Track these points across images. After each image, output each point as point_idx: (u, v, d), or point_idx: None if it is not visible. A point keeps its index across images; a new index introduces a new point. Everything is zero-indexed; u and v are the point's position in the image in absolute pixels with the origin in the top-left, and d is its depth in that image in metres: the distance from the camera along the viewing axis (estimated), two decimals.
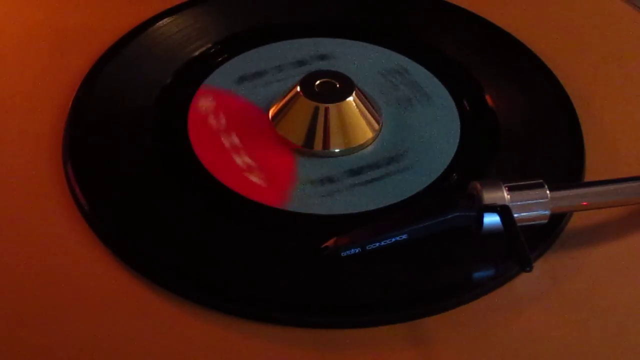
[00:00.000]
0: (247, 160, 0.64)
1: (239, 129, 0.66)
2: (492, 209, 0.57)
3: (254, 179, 0.63)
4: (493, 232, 0.58)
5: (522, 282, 0.59)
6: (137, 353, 0.55)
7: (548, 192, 0.58)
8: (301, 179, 0.63)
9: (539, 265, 0.59)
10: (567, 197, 0.60)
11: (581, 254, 0.61)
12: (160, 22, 0.73)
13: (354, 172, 0.64)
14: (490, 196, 0.58)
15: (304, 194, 0.62)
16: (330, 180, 0.63)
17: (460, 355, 0.56)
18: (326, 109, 0.65)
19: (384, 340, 0.56)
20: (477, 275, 0.59)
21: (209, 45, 0.72)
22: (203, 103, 0.68)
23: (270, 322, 0.56)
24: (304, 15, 0.75)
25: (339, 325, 0.56)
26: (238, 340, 0.55)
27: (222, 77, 0.70)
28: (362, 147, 0.65)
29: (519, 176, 0.60)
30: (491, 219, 0.57)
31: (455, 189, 0.63)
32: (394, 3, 0.77)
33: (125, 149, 0.65)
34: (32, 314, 0.56)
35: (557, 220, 0.61)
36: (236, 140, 0.65)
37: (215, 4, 0.75)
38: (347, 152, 0.65)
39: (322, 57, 0.72)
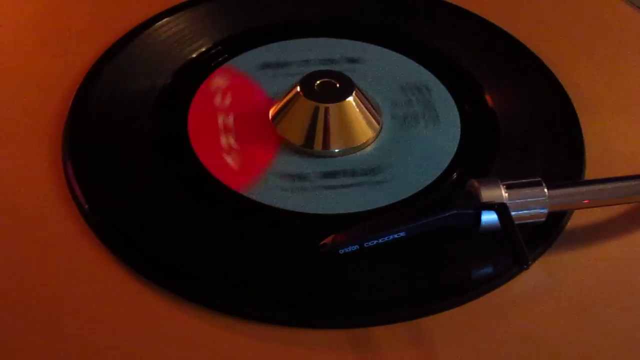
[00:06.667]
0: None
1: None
2: (489, 206, 0.57)
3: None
4: (491, 230, 0.57)
5: (522, 282, 0.58)
6: (137, 353, 0.55)
7: (546, 190, 0.58)
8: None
9: (538, 265, 0.59)
10: (565, 195, 0.60)
11: (581, 254, 0.61)
12: (160, 22, 0.73)
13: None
14: (488, 194, 0.57)
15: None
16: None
17: (460, 355, 0.55)
18: (326, 109, 0.65)
19: (383, 340, 0.56)
20: (477, 274, 0.59)
21: (209, 45, 0.72)
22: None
23: (268, 321, 0.56)
24: (304, 15, 0.75)
25: (337, 325, 0.56)
26: (236, 340, 0.55)
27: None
28: (362, 147, 0.65)
29: (520, 176, 0.60)
30: (489, 217, 0.57)
31: (454, 187, 0.63)
32: (393, 3, 0.77)
33: (125, 149, 0.65)
34: (31, 314, 0.56)
35: (557, 219, 0.61)
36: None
37: (215, 4, 0.75)
38: (347, 152, 0.65)
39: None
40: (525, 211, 0.58)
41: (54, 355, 0.54)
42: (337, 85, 0.66)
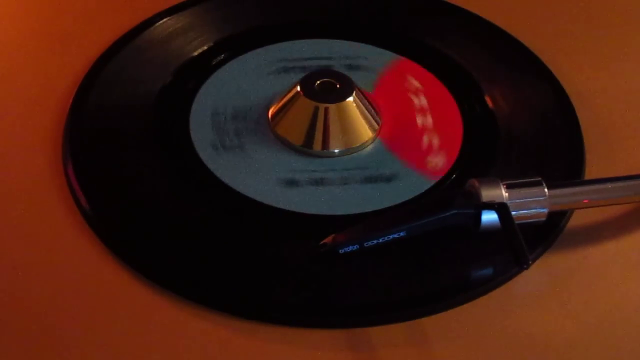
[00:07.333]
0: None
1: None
2: (490, 206, 0.57)
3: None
4: (491, 230, 0.57)
5: (522, 282, 0.58)
6: (137, 353, 0.55)
7: (546, 189, 0.58)
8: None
9: (538, 265, 0.59)
10: (565, 195, 0.60)
11: (581, 254, 0.61)
12: (160, 22, 0.73)
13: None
14: (488, 194, 0.57)
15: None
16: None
17: (460, 355, 0.55)
18: (326, 109, 0.65)
19: (383, 340, 0.56)
20: (477, 274, 0.59)
21: (209, 44, 0.72)
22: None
23: (267, 321, 0.56)
24: (303, 15, 0.75)
25: (337, 325, 0.56)
26: (237, 340, 0.55)
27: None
28: (361, 147, 0.65)
29: (520, 176, 0.60)
30: (489, 217, 0.57)
31: (454, 187, 0.63)
32: (393, 3, 0.77)
33: (125, 149, 0.65)
34: (32, 314, 0.56)
35: (557, 219, 0.61)
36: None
37: (215, 3, 0.75)
38: (347, 152, 0.65)
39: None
40: (525, 211, 0.58)
41: (54, 354, 0.54)
42: (337, 85, 0.66)
